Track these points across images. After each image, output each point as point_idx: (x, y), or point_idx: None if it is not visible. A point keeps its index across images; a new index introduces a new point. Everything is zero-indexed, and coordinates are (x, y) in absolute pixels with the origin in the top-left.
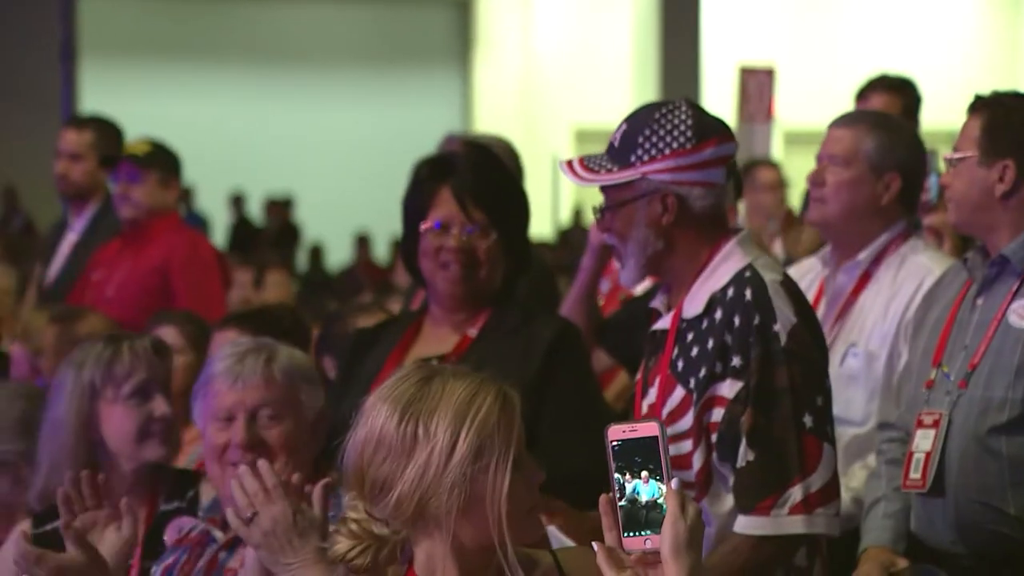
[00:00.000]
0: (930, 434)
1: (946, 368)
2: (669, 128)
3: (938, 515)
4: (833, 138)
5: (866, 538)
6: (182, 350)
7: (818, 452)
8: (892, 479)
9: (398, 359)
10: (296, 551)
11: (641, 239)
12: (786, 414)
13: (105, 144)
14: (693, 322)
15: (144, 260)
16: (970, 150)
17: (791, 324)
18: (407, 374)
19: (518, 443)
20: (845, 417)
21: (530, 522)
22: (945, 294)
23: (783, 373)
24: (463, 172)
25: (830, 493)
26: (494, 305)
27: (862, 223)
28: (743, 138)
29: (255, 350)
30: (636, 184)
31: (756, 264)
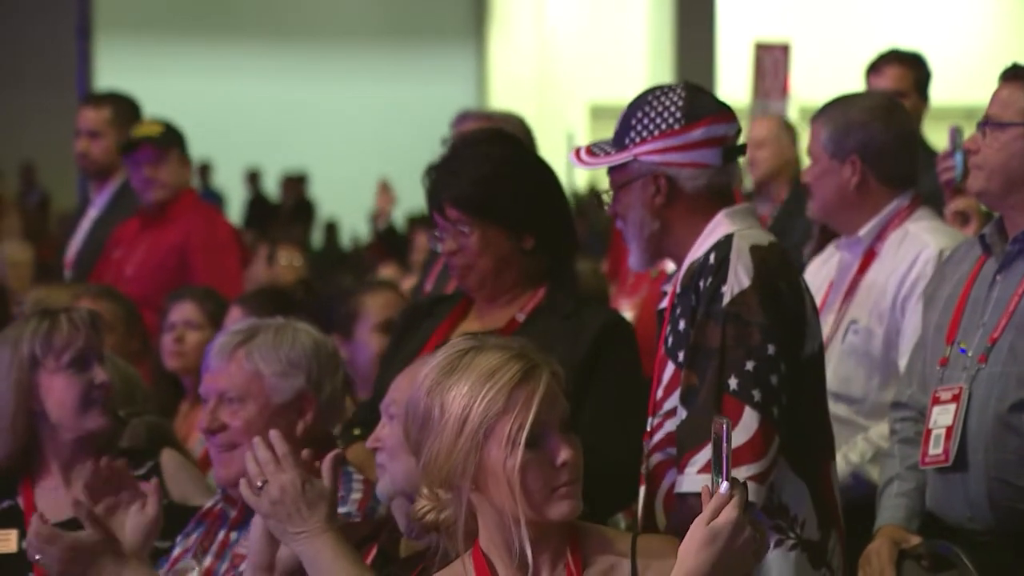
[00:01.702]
0: (949, 409)
1: (963, 344)
2: (660, 110)
3: (955, 491)
4: (810, 136)
5: (880, 517)
6: (200, 326)
7: (737, 415)
8: (905, 458)
9: (444, 334)
10: (304, 520)
11: (639, 221)
12: (712, 374)
13: (123, 119)
14: (680, 296)
15: (163, 238)
16: (1016, 120)
17: (740, 287)
18: (452, 344)
19: (540, 419)
20: (845, 393)
21: (553, 502)
22: (957, 271)
23: (716, 333)
24: (439, 180)
25: (742, 456)
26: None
27: (844, 211)
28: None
29: (236, 333)
30: (630, 166)
31: (737, 233)
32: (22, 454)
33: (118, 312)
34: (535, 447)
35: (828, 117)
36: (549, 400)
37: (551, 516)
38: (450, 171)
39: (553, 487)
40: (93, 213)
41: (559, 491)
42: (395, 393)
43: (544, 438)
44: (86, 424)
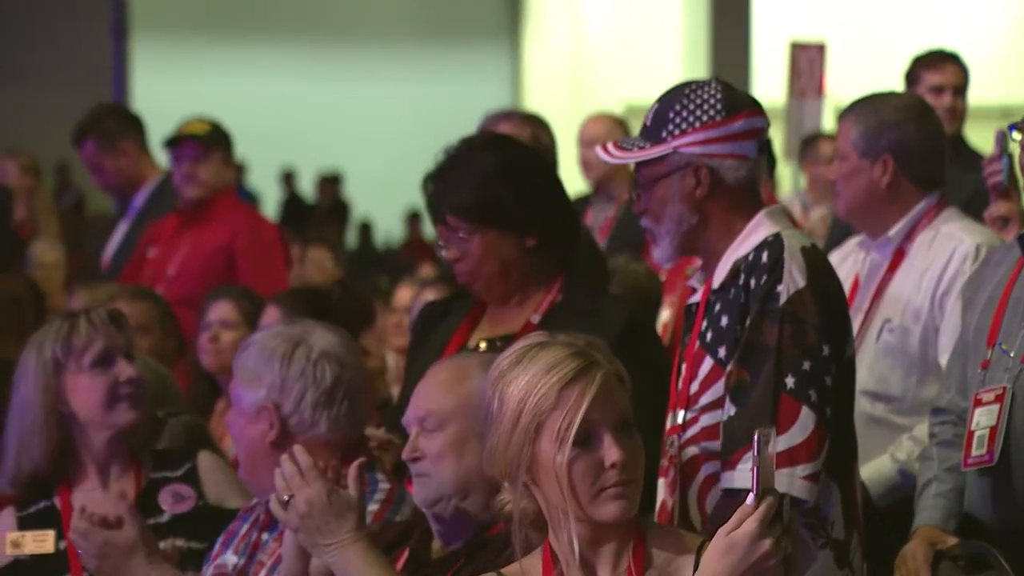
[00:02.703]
0: (992, 409)
1: (1005, 346)
2: (699, 102)
3: (998, 492)
4: (837, 133)
5: (918, 518)
6: (236, 325)
7: (794, 414)
8: (944, 460)
9: (464, 336)
10: (333, 532)
11: (676, 215)
12: (768, 372)
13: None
14: (720, 292)
15: (207, 239)
16: None
17: (796, 287)
18: (526, 337)
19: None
20: (883, 392)
21: (601, 503)
22: (996, 273)
23: (773, 332)
24: (437, 190)
25: (798, 456)
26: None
27: (873, 210)
28: (794, 113)
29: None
30: (668, 159)
31: (783, 233)
32: (58, 457)
33: (154, 313)
34: (585, 446)
35: (859, 115)
36: (602, 399)
37: (598, 517)
38: (446, 180)
39: (601, 487)
40: (130, 216)
41: (607, 492)
42: (430, 404)
43: (595, 437)
44: (115, 420)
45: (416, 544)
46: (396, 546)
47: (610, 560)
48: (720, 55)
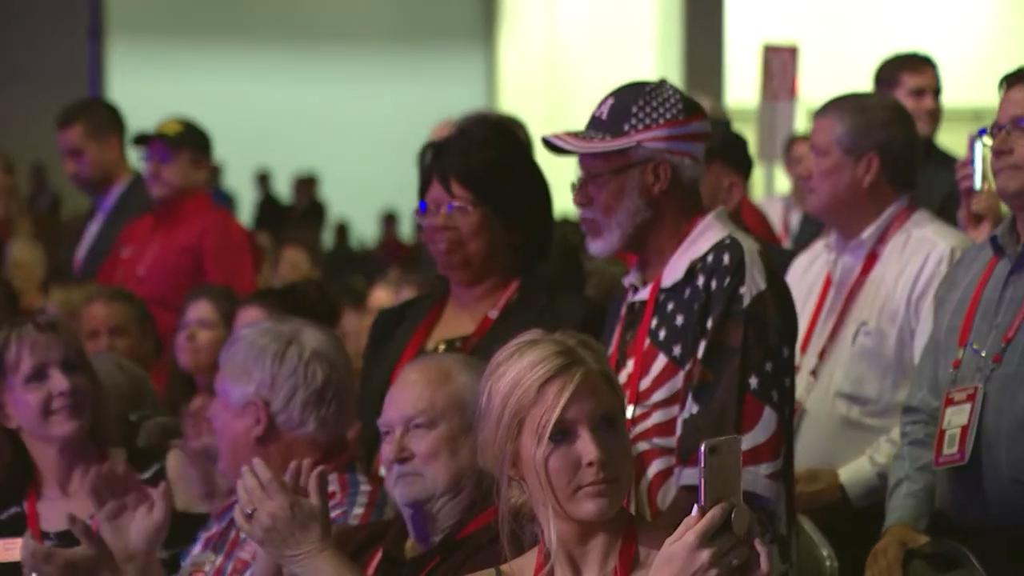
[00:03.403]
0: (964, 409)
1: (976, 345)
2: (661, 100)
3: (970, 491)
4: (814, 129)
5: (889, 517)
6: (214, 325)
7: (757, 414)
8: (915, 460)
9: (421, 340)
10: (299, 544)
11: (631, 208)
12: (732, 373)
13: (101, 128)
14: (673, 291)
15: (176, 239)
16: None
17: (758, 289)
18: (523, 334)
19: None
20: (858, 394)
21: (578, 500)
22: (968, 273)
23: (737, 333)
24: (449, 154)
25: (762, 454)
26: (519, 278)
27: (851, 208)
28: (767, 116)
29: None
30: (630, 152)
31: (736, 235)
32: (14, 469)
33: (132, 314)
34: (562, 443)
35: (844, 113)
36: (582, 397)
37: (576, 514)
38: (462, 149)
39: (579, 485)
40: (100, 216)
41: (585, 489)
42: (419, 403)
43: (572, 435)
44: (54, 432)
45: (389, 544)
46: (369, 546)
47: (597, 558)
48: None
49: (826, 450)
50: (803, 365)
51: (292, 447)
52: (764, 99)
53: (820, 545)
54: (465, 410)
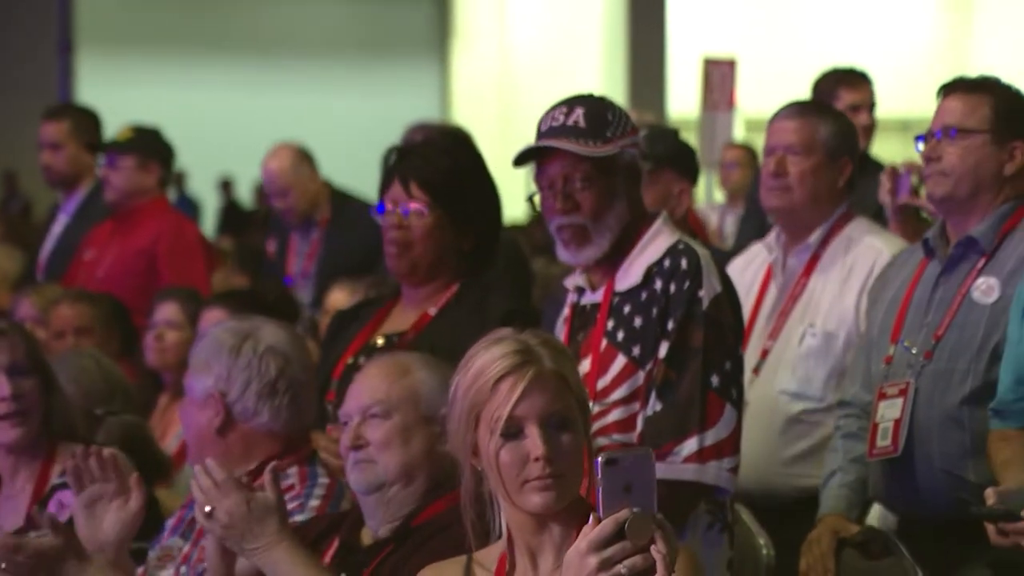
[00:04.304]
0: (896, 403)
1: (908, 343)
2: (621, 111)
3: (901, 482)
4: (788, 129)
5: (823, 506)
6: (181, 326)
7: (719, 411)
8: (848, 452)
9: (367, 335)
10: (257, 537)
11: (619, 212)
12: (695, 372)
13: (82, 130)
14: (629, 295)
15: (132, 242)
16: (981, 127)
17: (715, 292)
18: (492, 333)
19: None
20: (804, 393)
21: (525, 493)
22: (900, 274)
23: (699, 335)
24: (411, 157)
25: (724, 449)
26: (461, 281)
27: (821, 208)
28: (707, 126)
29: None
30: (617, 158)
31: (684, 239)
32: None
33: (96, 315)
34: (513, 438)
35: (826, 117)
36: (532, 395)
37: (524, 506)
38: (425, 154)
39: (526, 479)
40: (63, 219)
41: (531, 483)
42: (375, 394)
43: (522, 431)
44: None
45: (346, 532)
46: (327, 536)
47: (553, 548)
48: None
49: (770, 445)
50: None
51: (251, 438)
52: (704, 110)
53: (757, 534)
54: (420, 403)
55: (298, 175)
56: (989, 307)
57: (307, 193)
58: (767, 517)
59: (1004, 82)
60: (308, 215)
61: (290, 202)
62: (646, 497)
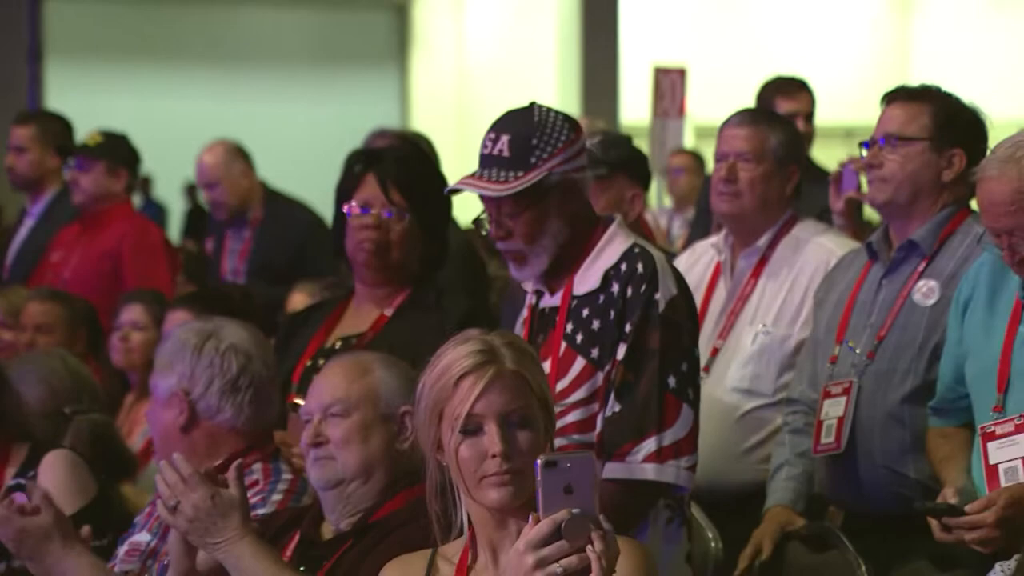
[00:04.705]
0: (840, 401)
1: (852, 343)
2: (551, 126)
3: (845, 477)
4: (739, 136)
5: (770, 499)
6: (146, 327)
7: (676, 411)
8: (795, 446)
9: (323, 337)
10: (221, 532)
11: (554, 232)
12: (652, 373)
13: (49, 135)
14: (587, 298)
15: (97, 245)
16: (920, 135)
17: (671, 295)
18: (460, 335)
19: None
20: (755, 390)
21: (482, 489)
22: (845, 276)
23: (656, 336)
24: (388, 161)
25: (682, 448)
26: (414, 286)
27: (770, 213)
28: (657, 132)
29: None
30: (543, 181)
31: (639, 243)
32: None
33: (61, 315)
34: (472, 435)
35: (776, 125)
36: (491, 394)
37: (481, 501)
38: (401, 160)
39: (483, 475)
40: (29, 222)
41: (488, 479)
42: (336, 392)
43: (481, 428)
44: None
45: (307, 527)
46: (288, 530)
47: (512, 543)
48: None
49: (722, 441)
50: None
51: (215, 435)
52: (655, 117)
53: (706, 527)
54: (379, 402)
55: (229, 169)
56: (929, 309)
57: (236, 188)
58: (719, 511)
59: (944, 91)
60: (240, 212)
61: (218, 195)
62: (586, 499)
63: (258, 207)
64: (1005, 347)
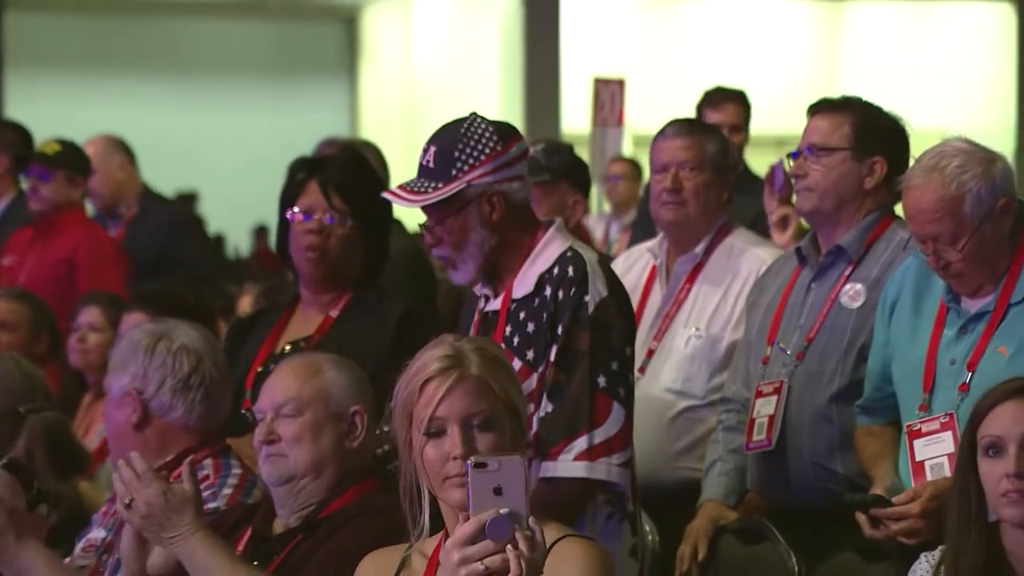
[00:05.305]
0: (771, 400)
1: (783, 344)
2: (476, 138)
3: (776, 473)
4: (679, 146)
5: (704, 493)
6: (103, 328)
7: (607, 409)
8: (728, 443)
9: (272, 343)
10: (175, 527)
11: (478, 240)
12: (583, 373)
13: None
14: (524, 301)
15: (52, 250)
16: (842, 145)
17: (600, 297)
18: (437, 339)
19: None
20: (688, 391)
21: (445, 489)
22: (776, 280)
23: (585, 338)
24: (331, 169)
25: (614, 446)
26: (356, 288)
27: (709, 220)
28: (597, 141)
29: None
30: (464, 193)
31: (575, 246)
32: None
33: (23, 314)
34: (436, 436)
35: (710, 134)
36: (454, 398)
37: (447, 501)
38: (342, 167)
39: (446, 475)
40: None
41: (451, 480)
42: (288, 392)
43: (444, 430)
44: None
45: (258, 522)
46: (240, 525)
47: None
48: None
49: (657, 439)
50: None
51: (167, 433)
52: (595, 126)
53: (644, 522)
54: (329, 401)
55: (106, 160)
56: (856, 311)
57: (110, 181)
58: (654, 507)
59: (865, 101)
60: (114, 205)
61: (93, 184)
62: (517, 500)
63: (134, 203)
64: (930, 348)
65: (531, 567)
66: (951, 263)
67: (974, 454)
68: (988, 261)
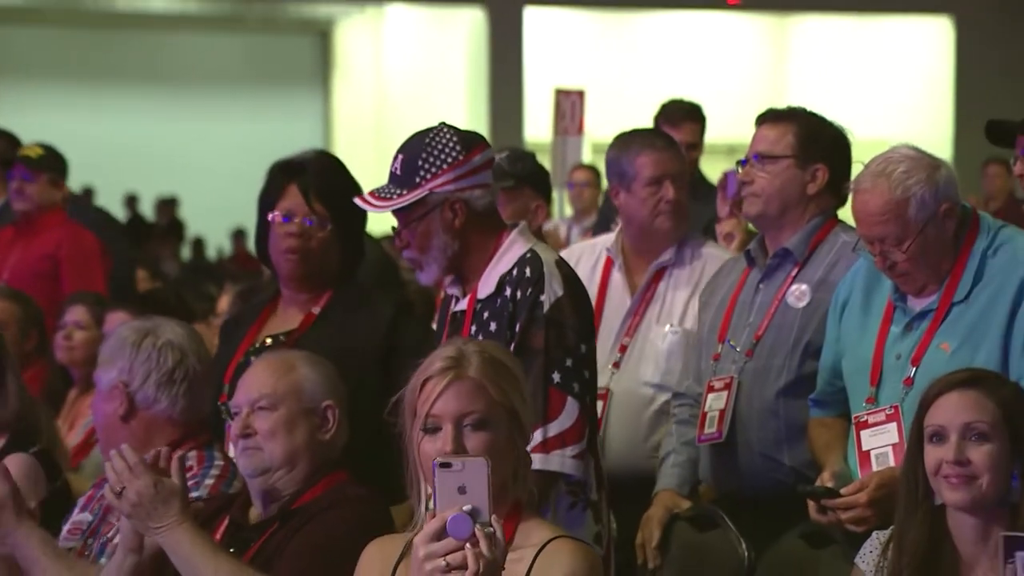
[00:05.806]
0: (722, 395)
1: (733, 342)
2: (440, 147)
3: (726, 464)
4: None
5: (659, 483)
6: (88, 326)
7: (561, 404)
8: (681, 436)
9: (252, 339)
10: (162, 517)
11: (441, 245)
12: (538, 370)
13: None
14: (487, 301)
15: (35, 248)
16: (786, 153)
17: (556, 296)
18: (444, 343)
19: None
20: (667, 385)
21: None
22: (726, 280)
23: (539, 336)
24: (310, 172)
25: (567, 439)
26: (335, 287)
27: (684, 226)
28: (558, 149)
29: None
30: (426, 200)
31: (536, 248)
32: None
33: (15, 313)
34: (432, 433)
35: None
36: (449, 397)
37: None
38: (321, 171)
39: None
40: None
41: None
42: (263, 388)
43: (439, 428)
44: None
45: (236, 511)
46: (219, 514)
47: None
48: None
49: (636, 432)
50: (603, 357)
51: (152, 424)
52: (556, 135)
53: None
54: (303, 397)
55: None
56: (801, 310)
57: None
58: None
59: (809, 112)
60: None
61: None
62: (480, 499)
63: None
64: (878, 345)
65: (489, 565)
66: (897, 263)
67: (921, 441)
68: (932, 262)
